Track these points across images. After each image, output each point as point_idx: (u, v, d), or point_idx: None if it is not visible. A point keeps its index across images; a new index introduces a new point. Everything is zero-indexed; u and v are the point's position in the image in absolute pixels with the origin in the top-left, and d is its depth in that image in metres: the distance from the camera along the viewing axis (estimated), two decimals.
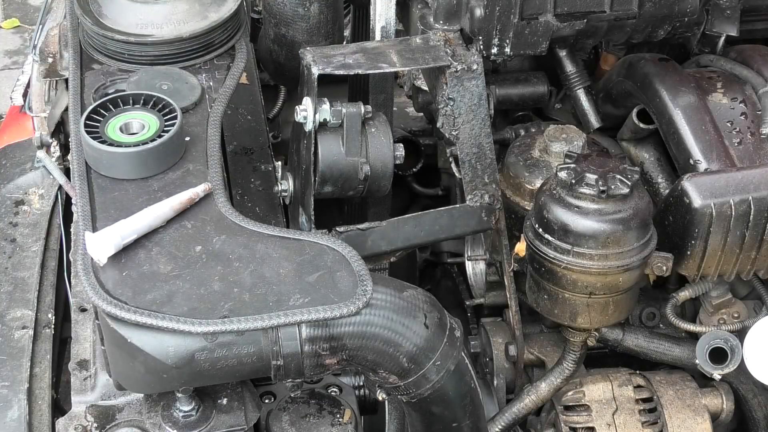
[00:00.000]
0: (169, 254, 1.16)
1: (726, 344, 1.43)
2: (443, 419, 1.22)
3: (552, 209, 1.33)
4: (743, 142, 1.48)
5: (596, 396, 1.49)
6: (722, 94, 1.54)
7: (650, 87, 1.54)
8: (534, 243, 1.37)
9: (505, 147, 1.66)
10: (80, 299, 1.46)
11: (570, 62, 1.74)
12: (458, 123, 1.51)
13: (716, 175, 1.40)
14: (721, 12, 1.64)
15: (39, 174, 1.90)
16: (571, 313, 1.41)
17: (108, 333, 1.12)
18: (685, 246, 1.39)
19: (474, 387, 1.23)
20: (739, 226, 1.37)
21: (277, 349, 1.10)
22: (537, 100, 1.76)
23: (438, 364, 1.16)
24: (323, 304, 1.11)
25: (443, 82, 1.51)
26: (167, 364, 1.09)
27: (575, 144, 1.55)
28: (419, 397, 1.18)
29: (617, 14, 1.53)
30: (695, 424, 1.48)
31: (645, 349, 1.55)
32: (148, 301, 1.10)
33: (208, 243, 1.18)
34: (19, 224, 1.82)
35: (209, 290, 1.12)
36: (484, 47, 1.53)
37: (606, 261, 1.33)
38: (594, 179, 1.31)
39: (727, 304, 1.52)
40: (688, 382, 1.52)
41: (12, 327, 1.60)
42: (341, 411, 1.27)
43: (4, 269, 1.72)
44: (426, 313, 1.15)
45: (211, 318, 1.08)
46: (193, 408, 1.18)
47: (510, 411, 1.51)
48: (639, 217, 1.32)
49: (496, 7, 1.49)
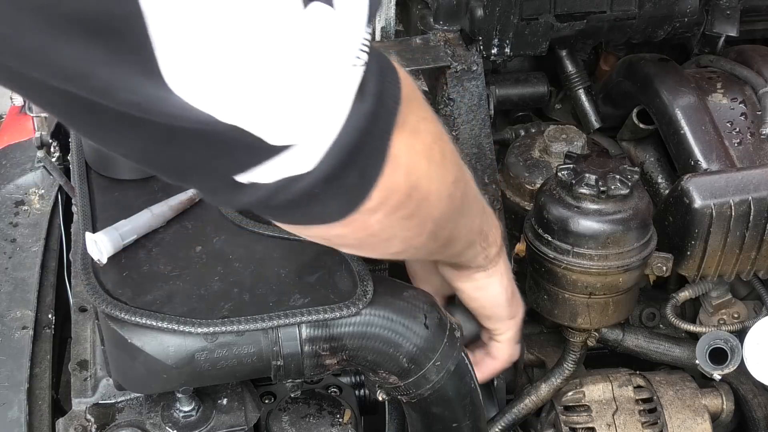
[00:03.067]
0: (169, 254, 1.16)
1: (726, 344, 1.43)
2: (443, 419, 1.22)
3: (552, 209, 1.33)
4: (743, 142, 1.48)
5: (596, 396, 1.49)
6: (722, 95, 1.54)
7: (650, 87, 1.54)
8: (534, 243, 1.37)
9: (505, 147, 1.66)
10: (80, 299, 1.46)
11: (570, 62, 1.75)
12: (458, 123, 1.51)
13: (716, 175, 1.40)
14: (721, 12, 1.64)
15: (39, 174, 1.90)
16: (571, 314, 1.41)
17: (108, 333, 1.12)
18: (685, 246, 1.39)
19: (474, 387, 1.23)
20: (739, 227, 1.37)
21: (277, 350, 1.10)
22: (537, 100, 1.76)
23: (438, 364, 1.16)
24: (323, 305, 1.11)
25: (443, 82, 1.51)
26: (167, 364, 1.09)
27: (575, 144, 1.55)
28: (419, 397, 1.18)
29: (617, 15, 1.53)
30: (695, 424, 1.48)
31: (645, 350, 1.55)
32: (148, 302, 1.10)
33: (208, 243, 1.18)
34: (19, 224, 1.82)
35: (209, 290, 1.12)
36: (484, 47, 1.53)
37: (606, 261, 1.33)
38: (594, 179, 1.31)
39: (727, 305, 1.52)
40: (688, 382, 1.52)
41: (12, 327, 1.60)
42: (341, 411, 1.27)
43: (4, 269, 1.72)
44: (426, 314, 1.15)
45: (211, 318, 1.08)
46: (193, 408, 1.18)
47: (510, 411, 1.51)
48: (639, 217, 1.32)
49: (496, 8, 1.49)
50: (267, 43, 0.73)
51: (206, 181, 0.87)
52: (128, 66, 0.71)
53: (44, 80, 0.73)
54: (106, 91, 0.73)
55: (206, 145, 0.79)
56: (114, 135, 0.81)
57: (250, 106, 0.75)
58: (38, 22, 0.68)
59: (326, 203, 0.90)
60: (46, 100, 0.79)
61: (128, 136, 0.80)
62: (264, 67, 0.74)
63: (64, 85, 0.73)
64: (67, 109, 0.78)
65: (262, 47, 0.73)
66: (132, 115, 0.75)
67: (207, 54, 0.71)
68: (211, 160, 0.82)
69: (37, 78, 0.73)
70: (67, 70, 0.71)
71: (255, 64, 0.73)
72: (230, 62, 0.72)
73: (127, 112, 0.74)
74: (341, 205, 0.91)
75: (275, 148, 0.81)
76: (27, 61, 0.71)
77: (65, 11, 0.68)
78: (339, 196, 0.90)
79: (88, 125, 0.81)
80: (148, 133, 0.78)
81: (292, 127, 0.80)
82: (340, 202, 0.91)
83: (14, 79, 0.75)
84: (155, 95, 0.72)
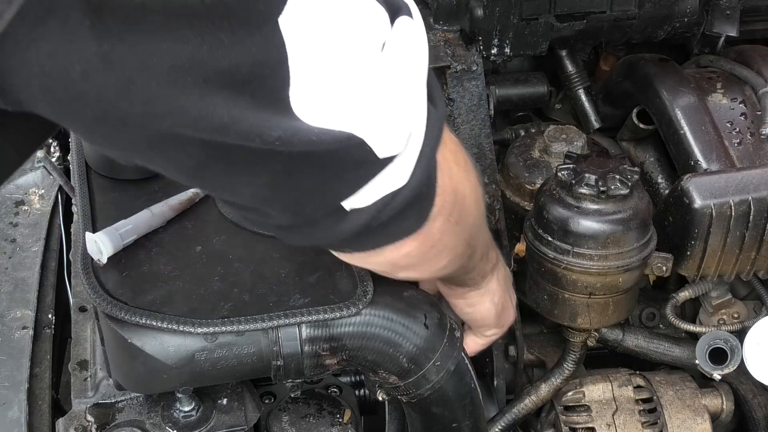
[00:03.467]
0: (169, 254, 1.16)
1: (726, 344, 1.43)
2: (443, 419, 1.22)
3: (552, 209, 1.33)
4: (743, 142, 1.48)
5: (596, 396, 1.49)
6: (722, 95, 1.54)
7: (650, 87, 1.54)
8: (534, 243, 1.37)
9: (505, 147, 1.66)
10: (80, 299, 1.46)
11: (570, 62, 1.75)
12: (458, 123, 1.51)
13: (716, 175, 1.40)
14: (721, 12, 1.64)
15: (39, 174, 1.90)
16: (571, 314, 1.41)
17: (108, 333, 1.12)
18: (684, 246, 1.39)
19: (474, 387, 1.23)
20: (739, 227, 1.37)
21: (277, 350, 1.10)
22: (537, 101, 1.76)
23: (438, 364, 1.16)
24: (323, 305, 1.11)
25: (443, 82, 1.51)
26: (167, 364, 1.09)
27: (575, 144, 1.55)
28: (419, 397, 1.18)
29: (617, 15, 1.53)
30: (695, 424, 1.48)
31: (645, 350, 1.55)
32: (148, 302, 1.10)
33: (208, 243, 1.18)
34: (19, 224, 1.82)
35: (209, 290, 1.12)
36: (484, 47, 1.53)
37: (606, 261, 1.33)
38: (594, 179, 1.31)
39: (727, 305, 1.52)
40: (688, 382, 1.52)
41: (12, 327, 1.60)
42: (341, 411, 1.27)
43: (4, 269, 1.72)
44: (426, 314, 1.15)
45: (211, 318, 1.08)
46: (193, 408, 1.18)
47: (510, 411, 1.51)
48: (639, 217, 1.32)
49: (496, 8, 1.49)
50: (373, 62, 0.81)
51: (315, 211, 0.90)
52: (270, 106, 0.76)
53: (192, 135, 0.76)
54: (251, 134, 0.77)
55: (323, 167, 0.84)
56: (243, 178, 0.84)
57: (365, 116, 0.81)
58: (193, 80, 0.72)
59: (407, 216, 0.93)
60: (182, 159, 0.81)
61: (257, 175, 0.84)
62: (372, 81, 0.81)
63: (210, 136, 0.76)
64: (203, 164, 0.81)
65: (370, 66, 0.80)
66: (268, 150, 0.79)
67: (328, 81, 0.78)
68: (326, 183, 0.86)
69: (184, 135, 0.76)
70: (216, 120, 0.75)
71: (364, 81, 0.80)
72: (345, 83, 0.79)
73: (264, 149, 0.79)
74: (417, 215, 0.94)
75: (382, 161, 0.85)
76: (179, 118, 0.74)
77: (220, 67, 0.72)
78: (416, 206, 0.93)
79: (220, 175, 0.84)
80: (276, 166, 0.82)
81: (396, 135, 0.85)
82: (416, 212, 0.94)
83: (156, 144, 0.78)
84: (290, 126, 0.78)
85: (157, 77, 0.71)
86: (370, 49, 0.81)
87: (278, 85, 0.76)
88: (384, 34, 0.82)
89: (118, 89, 0.71)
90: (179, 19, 0.69)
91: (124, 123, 0.74)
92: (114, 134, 0.77)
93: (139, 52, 0.70)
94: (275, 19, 0.73)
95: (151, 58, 0.70)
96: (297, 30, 0.75)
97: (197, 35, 0.71)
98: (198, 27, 0.70)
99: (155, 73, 0.71)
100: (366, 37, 0.80)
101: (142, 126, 0.75)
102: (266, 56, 0.74)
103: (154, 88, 0.72)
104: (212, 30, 0.71)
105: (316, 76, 0.77)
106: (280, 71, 0.75)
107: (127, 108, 0.73)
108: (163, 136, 0.76)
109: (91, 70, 0.69)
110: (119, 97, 0.72)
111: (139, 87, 0.71)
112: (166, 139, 0.77)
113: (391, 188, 0.88)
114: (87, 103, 0.72)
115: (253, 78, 0.74)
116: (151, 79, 0.71)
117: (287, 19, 0.74)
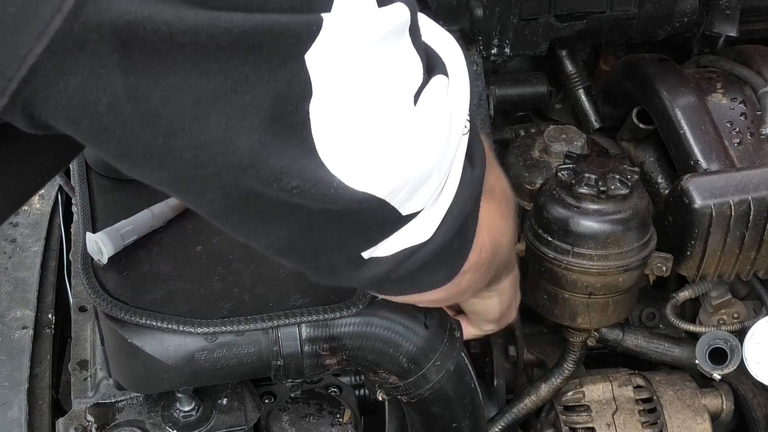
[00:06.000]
0: (169, 254, 1.16)
1: (726, 344, 1.43)
2: (443, 419, 1.22)
3: (552, 209, 1.33)
4: (743, 142, 1.48)
5: (596, 396, 1.49)
6: (722, 95, 1.53)
7: (650, 87, 1.54)
8: (534, 243, 1.37)
9: (505, 147, 1.66)
10: (80, 299, 1.46)
11: (570, 62, 1.74)
12: None
13: (716, 175, 1.40)
14: (721, 12, 1.64)
15: None
16: (571, 314, 1.41)
17: (108, 333, 1.12)
18: (684, 246, 1.39)
19: (474, 387, 1.23)
20: (739, 226, 1.37)
21: (277, 350, 1.10)
22: (537, 100, 1.76)
23: (438, 364, 1.16)
24: (323, 305, 1.11)
25: None
26: (167, 364, 1.09)
27: (575, 144, 1.55)
28: (419, 397, 1.18)
29: (617, 15, 1.53)
30: (695, 424, 1.48)
31: (645, 350, 1.55)
32: (149, 302, 1.10)
33: (208, 243, 1.18)
34: (19, 224, 1.82)
35: (209, 290, 1.12)
36: (484, 47, 1.53)
37: (606, 261, 1.33)
38: (594, 179, 1.31)
39: (727, 305, 1.52)
40: (688, 382, 1.52)
41: (12, 327, 1.60)
42: (341, 411, 1.27)
43: (4, 269, 1.72)
44: (426, 314, 1.15)
45: (211, 318, 1.08)
46: (193, 408, 1.19)
47: (510, 411, 1.51)
48: (639, 217, 1.32)
49: (496, 8, 1.49)
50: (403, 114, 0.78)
51: (333, 260, 0.89)
52: (291, 146, 0.74)
53: (213, 173, 0.74)
54: (269, 178, 0.75)
55: (346, 224, 0.83)
56: (261, 226, 0.83)
57: (389, 176, 0.79)
58: (216, 116, 0.71)
59: (436, 270, 0.93)
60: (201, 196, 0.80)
61: (274, 228, 0.83)
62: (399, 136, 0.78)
63: (233, 176, 0.75)
64: (221, 204, 0.80)
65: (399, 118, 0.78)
66: (285, 202, 0.78)
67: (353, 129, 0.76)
68: (347, 238, 0.86)
69: (204, 173, 0.75)
70: (236, 158, 0.73)
71: (391, 135, 0.78)
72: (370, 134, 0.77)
73: (281, 199, 0.77)
74: (447, 271, 0.94)
75: (405, 217, 0.84)
76: (200, 152, 0.73)
77: (243, 102, 0.71)
78: (446, 262, 0.93)
79: (238, 219, 0.83)
80: (294, 221, 0.81)
81: (422, 195, 0.84)
82: (446, 268, 0.94)
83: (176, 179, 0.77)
84: (316, 176, 0.75)
85: (180, 111, 0.70)
86: (401, 99, 0.78)
87: (300, 123, 0.74)
88: (418, 86, 0.80)
89: (142, 123, 0.70)
90: (206, 52, 0.68)
91: (146, 156, 0.73)
92: (137, 168, 0.76)
93: (165, 86, 0.69)
94: (302, 55, 0.71)
95: (176, 93, 0.69)
96: (325, 68, 0.72)
97: (222, 70, 0.69)
98: (224, 61, 0.69)
99: (179, 107, 0.70)
100: (398, 86, 0.78)
101: (162, 161, 0.74)
102: (290, 92, 0.72)
103: (176, 122, 0.71)
104: (238, 64, 0.70)
105: (341, 121, 0.75)
106: (302, 109, 0.73)
107: (149, 141, 0.72)
108: (184, 172, 0.75)
109: (117, 104, 0.69)
110: (143, 130, 0.71)
111: (163, 121, 0.70)
112: (185, 177, 0.76)
113: (413, 242, 0.87)
114: (112, 136, 0.71)
115: (276, 114, 0.72)
116: (175, 113, 0.70)
117: (315, 56, 0.72)
